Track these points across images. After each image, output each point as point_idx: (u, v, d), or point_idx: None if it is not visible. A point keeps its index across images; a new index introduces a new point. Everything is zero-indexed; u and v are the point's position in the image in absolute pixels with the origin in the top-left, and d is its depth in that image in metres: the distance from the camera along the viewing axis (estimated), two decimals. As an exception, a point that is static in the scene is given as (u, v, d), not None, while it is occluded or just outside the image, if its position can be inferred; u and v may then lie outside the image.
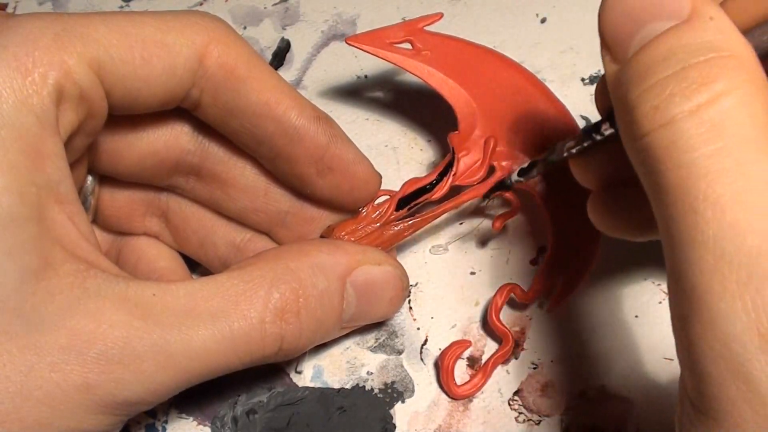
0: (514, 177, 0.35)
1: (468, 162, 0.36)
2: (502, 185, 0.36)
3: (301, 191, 0.34)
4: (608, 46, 0.25)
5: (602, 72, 0.42)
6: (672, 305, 0.23)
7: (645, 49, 0.23)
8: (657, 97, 0.22)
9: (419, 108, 0.43)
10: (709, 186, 0.21)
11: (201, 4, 0.47)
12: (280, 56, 0.45)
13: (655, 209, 0.23)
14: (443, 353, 0.36)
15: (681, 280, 0.22)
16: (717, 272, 0.21)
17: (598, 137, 0.29)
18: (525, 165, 0.34)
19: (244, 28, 0.46)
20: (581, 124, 0.42)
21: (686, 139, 0.21)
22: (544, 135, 0.38)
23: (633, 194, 0.29)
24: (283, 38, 0.46)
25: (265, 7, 0.47)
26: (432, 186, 0.36)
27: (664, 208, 0.22)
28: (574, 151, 0.31)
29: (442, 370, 0.36)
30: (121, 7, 0.47)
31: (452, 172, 0.36)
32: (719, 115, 0.21)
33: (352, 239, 0.35)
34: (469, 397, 0.36)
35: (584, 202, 0.37)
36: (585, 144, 0.30)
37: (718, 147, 0.21)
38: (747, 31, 0.24)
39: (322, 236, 0.35)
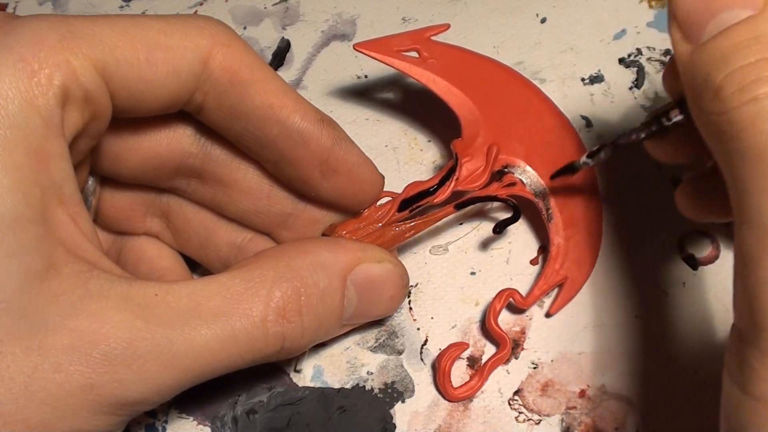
0: (583, 159, 0.35)
1: (471, 168, 0.37)
2: (571, 167, 0.36)
3: (304, 193, 0.34)
4: (681, 25, 0.27)
5: (602, 72, 0.43)
6: (739, 251, 0.25)
7: (724, 35, 0.25)
8: (742, 80, 0.24)
9: (419, 108, 0.43)
10: None
11: (201, 4, 0.47)
12: (280, 56, 0.45)
13: (728, 174, 0.25)
14: (440, 355, 0.37)
15: (753, 225, 0.24)
16: None
17: (668, 123, 0.30)
18: (594, 148, 0.34)
19: (244, 28, 0.46)
20: (581, 124, 0.42)
21: (766, 114, 0.24)
22: (545, 144, 0.38)
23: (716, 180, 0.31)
24: (283, 38, 0.46)
25: (265, 7, 0.47)
26: (434, 190, 0.36)
27: (740, 169, 0.24)
28: (643, 135, 0.32)
29: (438, 372, 0.36)
30: (121, 7, 0.47)
31: (455, 177, 0.36)
32: None
33: (354, 238, 0.35)
34: (465, 400, 0.36)
35: (584, 209, 0.38)
36: (654, 129, 0.31)
37: None
38: None
39: (323, 234, 0.35)
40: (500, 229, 0.37)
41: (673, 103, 0.30)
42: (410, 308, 0.39)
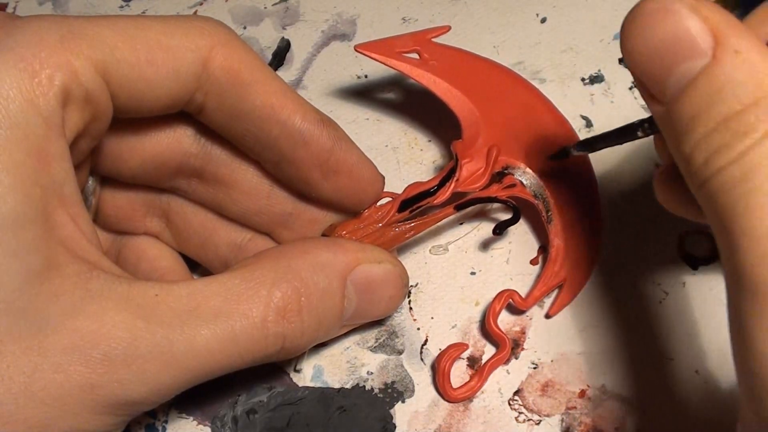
0: (576, 150, 0.35)
1: (471, 169, 0.37)
2: (563, 152, 0.36)
3: (304, 194, 0.34)
4: (644, 86, 0.26)
5: (602, 72, 0.43)
6: (732, 318, 0.24)
7: (685, 97, 0.24)
8: (706, 152, 0.23)
9: (419, 108, 0.43)
10: (745, 220, 0.22)
11: (201, 4, 0.47)
12: (280, 56, 0.45)
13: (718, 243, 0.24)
14: (439, 356, 0.37)
15: (730, 311, 0.23)
16: (754, 302, 0.22)
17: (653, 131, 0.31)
18: (588, 138, 0.35)
19: (244, 28, 0.46)
20: (581, 124, 0.42)
21: (730, 183, 0.23)
22: (545, 145, 0.38)
23: None
24: (283, 38, 0.46)
25: (265, 7, 0.47)
26: (434, 190, 0.36)
27: (721, 251, 0.24)
28: (640, 133, 0.32)
29: (438, 373, 0.36)
30: (121, 7, 0.47)
31: (455, 178, 0.36)
32: (758, 157, 0.22)
33: (354, 238, 0.35)
34: (464, 401, 0.36)
35: (583, 210, 0.38)
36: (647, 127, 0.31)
37: (755, 185, 0.22)
38: None
39: (323, 234, 0.35)
40: (500, 230, 0.37)
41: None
42: (410, 308, 0.39)
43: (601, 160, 0.40)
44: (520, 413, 0.36)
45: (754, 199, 0.22)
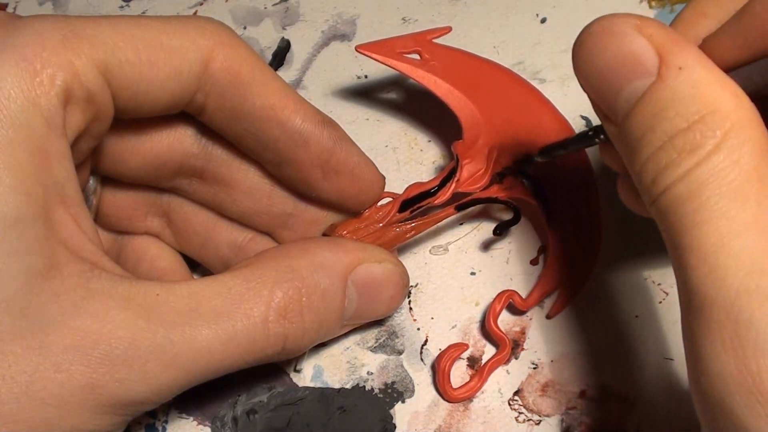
0: (539, 157, 0.35)
1: (471, 170, 0.37)
2: (527, 159, 0.37)
3: (305, 194, 0.34)
4: (597, 106, 0.26)
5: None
6: (684, 336, 0.24)
7: (631, 117, 0.24)
8: (654, 170, 0.24)
9: (419, 108, 0.43)
10: (693, 237, 0.22)
11: (201, 4, 0.47)
12: (280, 56, 0.45)
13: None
14: (439, 356, 0.37)
15: (683, 326, 0.24)
16: (702, 315, 0.22)
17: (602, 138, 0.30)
18: (549, 144, 0.35)
19: (244, 28, 0.46)
20: (581, 124, 0.42)
21: (677, 201, 0.23)
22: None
23: None
24: (283, 38, 0.46)
25: (265, 7, 0.47)
26: (435, 191, 0.36)
27: (673, 266, 0.24)
28: (597, 141, 0.31)
29: (438, 373, 0.36)
30: (121, 7, 0.47)
31: (455, 179, 0.36)
32: (705, 173, 0.22)
33: (354, 238, 0.35)
34: (464, 401, 0.36)
35: (583, 211, 0.38)
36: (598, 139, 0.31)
37: (701, 201, 0.22)
38: (738, 69, 0.25)
39: (324, 234, 0.35)
40: (500, 230, 0.37)
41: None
42: (410, 308, 0.39)
43: (600, 159, 0.40)
44: (520, 413, 0.36)
45: (700, 216, 0.22)
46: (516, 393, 0.37)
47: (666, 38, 0.24)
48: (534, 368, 0.37)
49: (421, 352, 0.38)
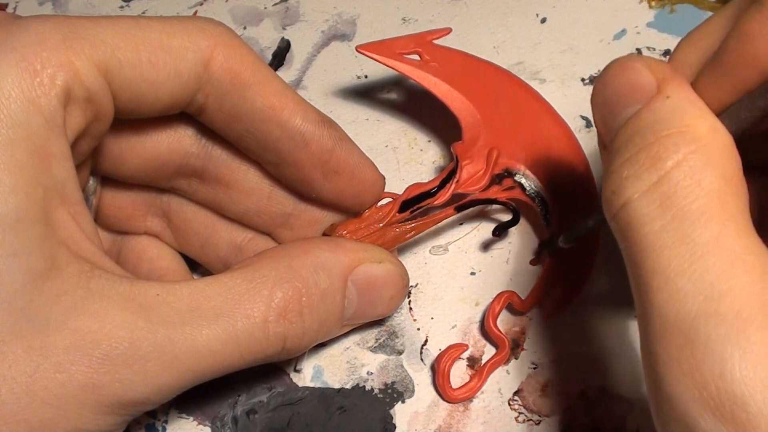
0: (561, 243, 0.36)
1: (471, 171, 0.37)
2: (551, 243, 0.38)
3: (305, 194, 0.34)
4: (600, 136, 0.27)
5: (602, 71, 0.43)
6: (643, 357, 0.24)
7: (615, 136, 0.25)
8: (616, 181, 0.24)
9: (419, 108, 0.43)
10: (656, 260, 0.23)
11: (201, 4, 0.47)
12: (280, 56, 0.45)
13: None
14: (439, 357, 0.37)
15: (642, 346, 0.24)
16: (662, 338, 0.22)
17: None
18: (571, 229, 0.36)
19: (244, 28, 0.46)
20: (580, 124, 0.42)
21: (638, 218, 0.23)
22: (544, 148, 0.38)
23: None
24: (283, 38, 0.46)
25: (265, 7, 0.47)
26: (435, 191, 0.36)
27: (631, 281, 0.24)
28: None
29: (438, 373, 0.36)
30: (121, 7, 0.47)
31: (455, 180, 0.36)
32: (667, 190, 0.23)
33: (354, 238, 0.35)
34: (464, 401, 0.36)
35: (582, 211, 0.38)
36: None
37: (664, 222, 0.23)
38: (726, 108, 0.25)
39: (324, 234, 0.35)
40: (500, 231, 0.37)
41: None
42: (410, 308, 0.39)
43: (599, 160, 0.40)
44: (520, 413, 0.36)
45: (662, 239, 0.23)
46: (516, 393, 0.37)
47: (667, 73, 0.25)
48: (534, 368, 0.37)
49: (421, 352, 0.38)
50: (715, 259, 0.22)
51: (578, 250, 0.38)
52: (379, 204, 0.36)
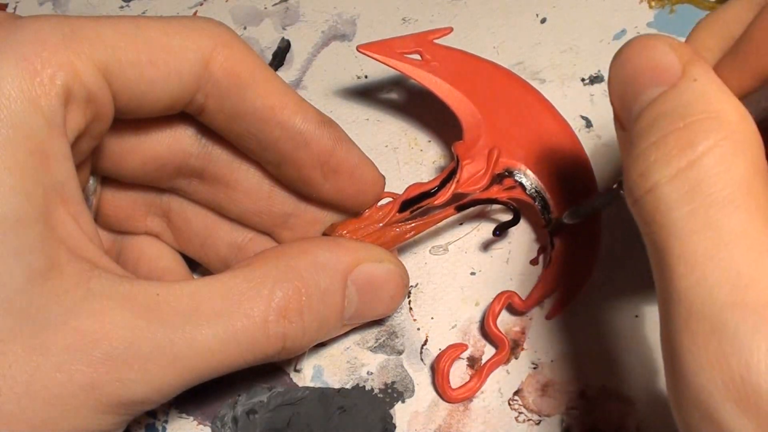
0: (565, 218, 0.36)
1: (471, 170, 0.37)
2: (556, 222, 0.37)
3: (305, 194, 0.34)
4: (616, 113, 0.26)
5: (602, 72, 0.43)
6: (664, 342, 0.24)
7: (639, 117, 0.25)
8: (643, 164, 0.24)
9: (419, 108, 0.43)
10: (683, 245, 0.22)
11: (201, 4, 0.47)
12: (280, 56, 0.45)
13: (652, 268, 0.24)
14: (439, 356, 0.37)
15: (663, 333, 0.23)
16: (687, 326, 0.22)
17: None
18: (576, 206, 0.35)
19: (244, 28, 0.46)
20: (581, 124, 0.42)
21: (666, 203, 0.23)
22: (545, 148, 0.38)
23: None
24: (283, 38, 0.46)
25: (265, 7, 0.47)
26: (435, 191, 0.36)
27: (653, 267, 0.24)
28: (622, 192, 0.32)
29: (437, 373, 0.36)
30: (121, 7, 0.47)
31: (455, 179, 0.36)
32: (697, 176, 0.22)
33: (355, 238, 0.35)
34: (464, 401, 0.36)
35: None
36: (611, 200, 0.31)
37: (692, 208, 0.22)
38: (746, 96, 0.25)
39: (324, 234, 0.35)
40: (500, 231, 0.37)
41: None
42: (410, 308, 0.39)
43: (600, 161, 0.40)
44: (520, 413, 0.36)
45: (691, 224, 0.22)
46: (516, 393, 0.37)
47: (692, 55, 0.24)
48: (534, 368, 0.37)
49: (421, 352, 0.38)
50: (742, 248, 0.22)
51: (578, 250, 0.38)
52: (379, 204, 0.36)
